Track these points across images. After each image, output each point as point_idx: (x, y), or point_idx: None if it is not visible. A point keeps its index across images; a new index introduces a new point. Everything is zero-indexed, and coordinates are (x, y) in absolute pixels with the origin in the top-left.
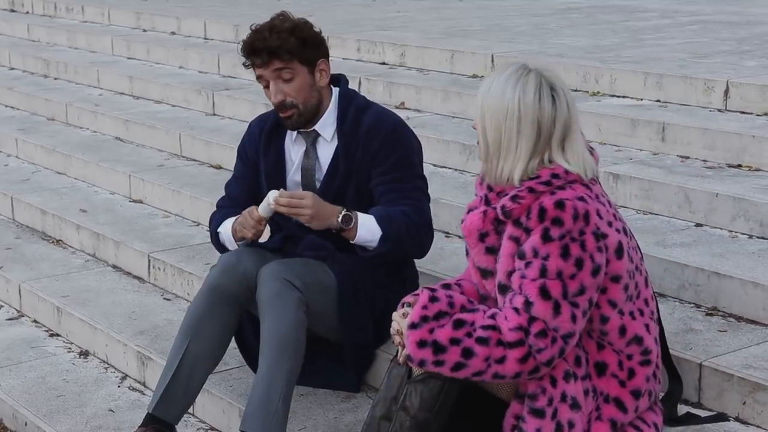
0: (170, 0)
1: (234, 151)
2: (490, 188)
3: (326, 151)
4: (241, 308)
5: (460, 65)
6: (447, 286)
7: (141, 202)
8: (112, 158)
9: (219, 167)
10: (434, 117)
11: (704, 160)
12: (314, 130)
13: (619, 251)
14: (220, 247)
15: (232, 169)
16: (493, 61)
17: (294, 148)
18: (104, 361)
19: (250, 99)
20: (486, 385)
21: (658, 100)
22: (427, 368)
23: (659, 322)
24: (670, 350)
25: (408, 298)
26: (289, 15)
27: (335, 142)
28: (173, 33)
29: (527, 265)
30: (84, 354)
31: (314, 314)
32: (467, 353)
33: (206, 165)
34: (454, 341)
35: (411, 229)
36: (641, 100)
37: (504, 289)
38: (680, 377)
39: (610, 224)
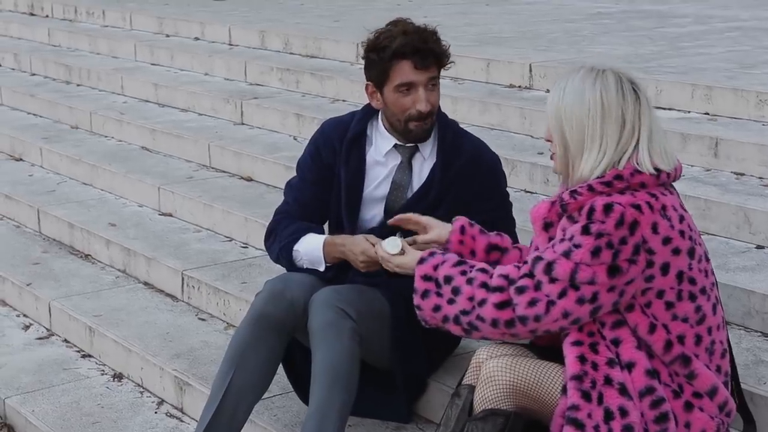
0: (192, 4)
1: (266, 162)
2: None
3: (421, 168)
4: (288, 336)
5: (496, 74)
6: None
7: (171, 215)
8: (140, 169)
9: (250, 179)
10: (472, 129)
11: (760, 177)
12: (416, 145)
13: (665, 269)
14: (289, 264)
15: (264, 181)
16: (531, 70)
17: (382, 161)
18: (139, 385)
19: (279, 108)
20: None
21: (707, 113)
22: (430, 299)
23: (731, 358)
24: (742, 384)
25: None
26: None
27: (432, 160)
28: (197, 39)
29: (561, 241)
30: (118, 377)
31: (367, 343)
32: (456, 291)
33: (237, 177)
34: (448, 279)
35: None
36: (689, 112)
37: None
38: (753, 419)
39: (666, 241)
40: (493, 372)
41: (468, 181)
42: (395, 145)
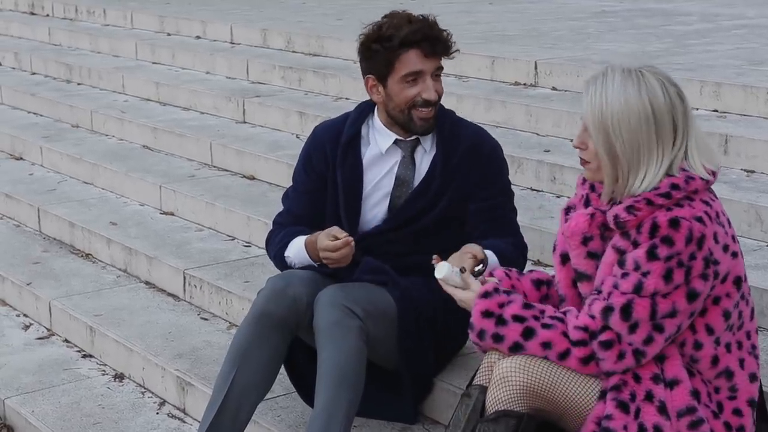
0: (193, 3)
1: (268, 161)
2: (592, 188)
3: (423, 161)
4: (291, 334)
5: (501, 72)
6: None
7: (172, 214)
8: (141, 168)
9: (252, 178)
10: None
11: None
12: (417, 138)
13: (725, 277)
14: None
15: (267, 179)
16: (536, 68)
17: (380, 159)
18: (141, 385)
19: (282, 107)
20: (568, 424)
21: (716, 110)
22: (485, 342)
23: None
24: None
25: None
26: None
27: (433, 152)
28: (198, 37)
29: (624, 275)
30: (119, 377)
31: (373, 342)
32: (528, 333)
33: (239, 176)
34: (518, 318)
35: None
36: (697, 109)
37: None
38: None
39: (726, 248)
40: (507, 372)
41: (468, 169)
42: (396, 141)
